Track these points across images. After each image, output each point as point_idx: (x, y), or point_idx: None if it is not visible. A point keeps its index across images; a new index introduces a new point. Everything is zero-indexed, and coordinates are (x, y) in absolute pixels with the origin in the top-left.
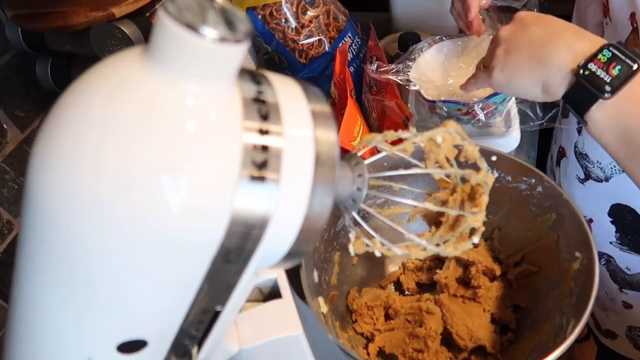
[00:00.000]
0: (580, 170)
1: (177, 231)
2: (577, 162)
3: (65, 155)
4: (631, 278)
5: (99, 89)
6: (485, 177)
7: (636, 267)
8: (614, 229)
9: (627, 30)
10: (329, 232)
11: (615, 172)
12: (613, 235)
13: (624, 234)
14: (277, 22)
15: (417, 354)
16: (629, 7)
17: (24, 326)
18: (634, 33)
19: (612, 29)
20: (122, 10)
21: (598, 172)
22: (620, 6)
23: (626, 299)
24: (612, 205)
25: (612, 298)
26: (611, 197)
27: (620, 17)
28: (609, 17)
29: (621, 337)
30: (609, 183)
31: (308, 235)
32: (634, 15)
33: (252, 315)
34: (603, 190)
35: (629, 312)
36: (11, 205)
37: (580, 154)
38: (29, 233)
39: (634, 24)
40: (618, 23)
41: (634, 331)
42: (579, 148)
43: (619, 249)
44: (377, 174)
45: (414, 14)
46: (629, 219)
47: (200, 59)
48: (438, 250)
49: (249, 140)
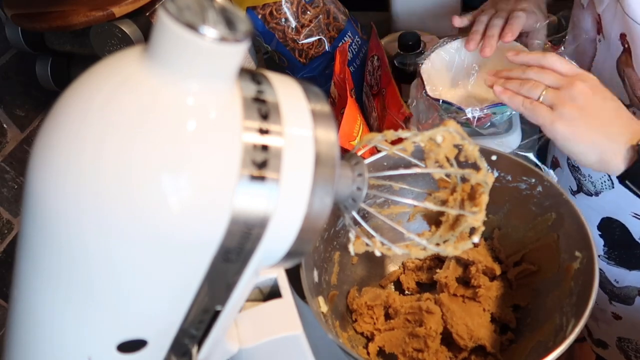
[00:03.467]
0: (574, 182)
1: (177, 230)
2: (571, 173)
3: (65, 154)
4: (619, 291)
5: (99, 89)
6: (485, 177)
7: (624, 280)
8: (602, 243)
9: (618, 49)
10: (329, 232)
11: (605, 187)
12: (601, 249)
13: (612, 248)
14: (277, 21)
15: (417, 354)
16: (619, 27)
17: (24, 326)
18: (626, 53)
19: (605, 46)
20: (122, 10)
21: (589, 186)
22: (610, 25)
23: (615, 311)
24: (602, 219)
25: (602, 308)
26: (601, 210)
27: (612, 36)
28: (602, 34)
29: (612, 347)
30: (598, 197)
31: (308, 235)
32: (624, 35)
33: (252, 315)
34: (594, 204)
35: (618, 323)
36: (11, 205)
37: (573, 167)
38: (28, 232)
39: (624, 44)
40: (610, 41)
41: (624, 342)
42: (571, 160)
43: (607, 263)
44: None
45: (414, 14)
46: (618, 233)
47: (200, 58)
48: (438, 250)
49: (249, 139)
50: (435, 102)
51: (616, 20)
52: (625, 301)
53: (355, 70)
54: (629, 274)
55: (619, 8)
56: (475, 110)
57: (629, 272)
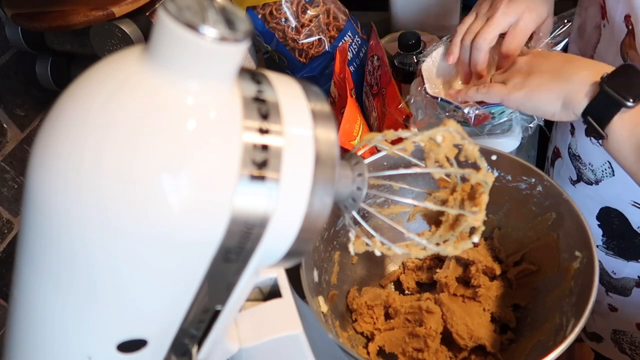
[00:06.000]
0: (573, 172)
1: (177, 230)
2: (571, 163)
3: (65, 154)
4: (616, 282)
5: (99, 88)
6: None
7: (621, 271)
8: (601, 233)
9: (622, 32)
10: (329, 232)
11: (606, 175)
12: (600, 239)
13: (610, 238)
14: (277, 21)
15: (417, 353)
16: (623, 8)
17: (24, 325)
18: (629, 35)
19: (609, 31)
20: (122, 10)
21: (589, 175)
22: (615, 7)
23: (611, 302)
24: (602, 208)
25: (598, 300)
26: (601, 200)
27: (616, 18)
28: (607, 18)
29: (606, 340)
30: (598, 186)
31: (308, 235)
32: (628, 17)
33: (252, 315)
34: (593, 193)
35: (614, 315)
36: (11, 205)
37: (574, 155)
38: (28, 232)
39: (629, 25)
40: (614, 25)
41: (619, 334)
42: (572, 149)
43: (605, 253)
44: (377, 173)
45: (413, 14)
46: (617, 223)
47: (200, 58)
48: (438, 250)
49: (249, 139)
50: (434, 100)
51: (621, 1)
52: (623, 292)
53: (355, 70)
54: (627, 265)
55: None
56: (473, 109)
57: (627, 263)
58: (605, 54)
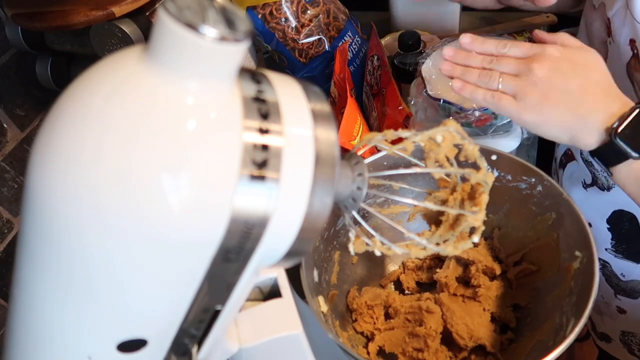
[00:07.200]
0: (589, 176)
1: (177, 230)
2: (586, 167)
3: (65, 154)
4: (625, 285)
5: (99, 88)
6: (485, 176)
7: (631, 274)
8: (610, 236)
9: (628, 54)
10: (329, 231)
11: None
12: (609, 242)
13: (620, 241)
14: (277, 21)
15: (417, 353)
16: (628, 32)
17: (24, 325)
18: (635, 58)
19: (615, 49)
20: (122, 9)
21: (603, 180)
22: (620, 30)
23: (620, 304)
24: (614, 211)
25: (607, 302)
26: (613, 203)
27: (621, 40)
28: (612, 37)
29: (615, 340)
30: (610, 192)
31: (308, 235)
32: (633, 41)
33: (252, 315)
34: (606, 196)
35: (623, 317)
36: (11, 205)
37: (586, 161)
38: (28, 232)
39: (634, 49)
40: (619, 46)
41: (628, 336)
42: (584, 155)
43: (614, 255)
44: (377, 173)
45: (414, 14)
46: (627, 226)
47: (200, 58)
48: (438, 249)
49: (249, 139)
50: (436, 102)
51: (626, 25)
52: (631, 295)
53: (355, 70)
54: (636, 268)
55: (628, 14)
56: (476, 110)
57: (636, 266)
58: (613, 72)
